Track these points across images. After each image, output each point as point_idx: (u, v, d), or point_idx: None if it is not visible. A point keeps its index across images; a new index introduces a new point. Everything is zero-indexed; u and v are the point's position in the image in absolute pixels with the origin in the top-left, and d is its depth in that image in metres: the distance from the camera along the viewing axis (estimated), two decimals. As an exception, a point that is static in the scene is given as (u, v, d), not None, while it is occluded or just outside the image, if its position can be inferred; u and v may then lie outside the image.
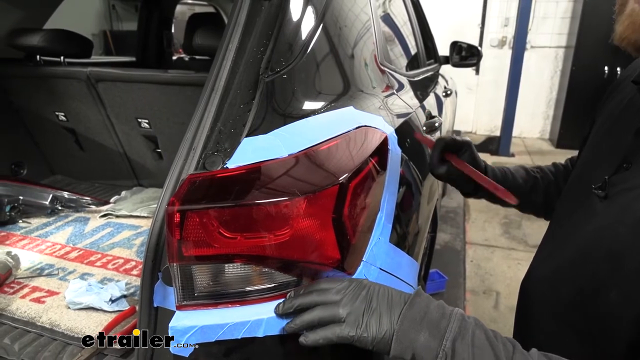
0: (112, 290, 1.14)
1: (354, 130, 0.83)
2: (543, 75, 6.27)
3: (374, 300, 0.59)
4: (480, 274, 2.87)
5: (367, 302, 0.58)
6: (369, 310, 0.58)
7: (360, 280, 0.62)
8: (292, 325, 0.60)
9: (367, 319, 0.57)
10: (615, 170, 0.66)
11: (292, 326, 0.60)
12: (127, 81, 1.65)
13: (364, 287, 0.60)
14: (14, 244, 1.45)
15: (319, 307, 0.59)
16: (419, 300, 0.59)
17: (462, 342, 0.54)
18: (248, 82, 0.74)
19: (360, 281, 0.62)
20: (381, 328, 0.56)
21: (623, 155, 0.66)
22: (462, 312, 0.59)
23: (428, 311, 0.57)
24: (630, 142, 0.66)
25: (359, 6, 1.14)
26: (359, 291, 0.59)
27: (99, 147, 1.93)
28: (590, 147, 0.80)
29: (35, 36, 1.72)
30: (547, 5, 5.98)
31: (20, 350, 0.98)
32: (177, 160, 0.69)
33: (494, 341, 0.55)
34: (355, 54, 1.05)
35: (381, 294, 0.60)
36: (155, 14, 2.82)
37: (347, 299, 0.58)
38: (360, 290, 0.60)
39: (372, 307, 0.58)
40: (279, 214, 0.63)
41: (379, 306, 0.58)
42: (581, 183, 0.76)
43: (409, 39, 1.97)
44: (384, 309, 0.58)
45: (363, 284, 0.61)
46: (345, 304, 0.58)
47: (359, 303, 0.58)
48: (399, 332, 0.56)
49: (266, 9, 0.80)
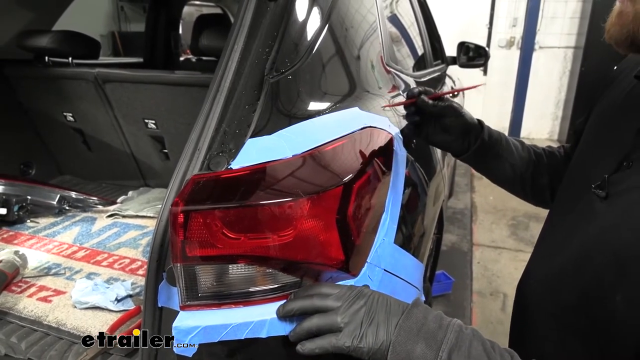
0: (118, 290, 1.14)
1: (359, 131, 0.83)
2: (552, 76, 6.21)
3: (372, 309, 0.58)
4: (487, 276, 2.85)
5: (365, 311, 0.58)
6: (367, 319, 0.57)
7: (360, 288, 0.62)
8: (292, 334, 0.60)
9: (364, 329, 0.57)
10: (615, 169, 0.64)
11: (292, 335, 0.60)
12: (134, 82, 1.66)
13: (363, 296, 0.60)
14: (21, 244, 1.47)
15: (318, 315, 0.59)
16: (416, 311, 0.59)
17: (458, 353, 0.54)
18: (253, 83, 0.74)
19: (361, 289, 0.61)
20: (378, 339, 0.56)
21: (624, 153, 0.64)
22: (460, 323, 0.58)
23: (425, 322, 0.57)
24: (632, 140, 0.64)
25: (365, 7, 1.14)
26: (358, 299, 0.59)
27: (107, 147, 1.94)
28: (587, 143, 0.78)
29: (44, 38, 1.74)
30: (556, 6, 5.93)
31: (26, 349, 0.99)
32: (182, 160, 0.69)
33: (491, 352, 0.55)
34: (361, 55, 1.04)
35: (380, 303, 0.59)
36: (163, 15, 2.84)
37: (345, 306, 0.58)
38: (360, 298, 0.59)
39: (370, 316, 0.58)
40: (282, 214, 0.63)
41: (377, 316, 0.58)
42: (579, 181, 0.74)
43: (415, 39, 1.97)
44: (381, 318, 0.57)
45: (363, 292, 0.61)
46: (343, 311, 0.58)
47: (357, 312, 0.58)
48: (396, 342, 0.55)
49: (271, 10, 0.80)
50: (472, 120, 0.92)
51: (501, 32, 6.26)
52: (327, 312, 0.58)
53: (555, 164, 0.96)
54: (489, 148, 0.93)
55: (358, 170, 0.72)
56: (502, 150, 0.94)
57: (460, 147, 0.93)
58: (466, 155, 0.94)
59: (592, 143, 0.77)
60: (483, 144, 0.92)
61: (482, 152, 0.93)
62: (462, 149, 0.94)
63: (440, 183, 1.46)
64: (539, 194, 0.97)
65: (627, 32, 0.61)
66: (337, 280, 0.67)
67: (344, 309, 0.58)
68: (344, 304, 0.59)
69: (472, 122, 0.92)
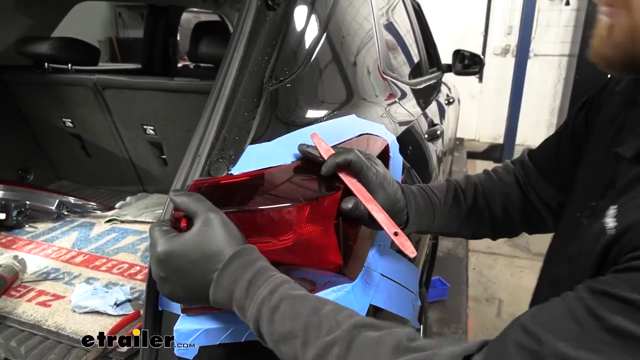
0: (117, 295, 1.15)
1: (356, 137, 0.85)
2: (546, 84, 6.27)
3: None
4: (483, 282, 2.87)
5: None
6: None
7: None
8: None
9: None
10: (601, 196, 0.57)
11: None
12: (133, 88, 1.67)
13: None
14: (20, 248, 1.47)
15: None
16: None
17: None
18: (252, 91, 0.76)
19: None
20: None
21: (609, 179, 0.57)
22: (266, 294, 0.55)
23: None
24: (614, 165, 0.57)
25: (361, 15, 1.16)
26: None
27: (105, 153, 1.95)
28: (582, 168, 0.70)
29: (43, 44, 1.75)
30: (551, 14, 6.00)
31: (26, 353, 0.99)
32: (183, 166, 0.70)
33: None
34: (358, 63, 1.06)
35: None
36: (161, 22, 2.86)
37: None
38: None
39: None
40: (282, 219, 0.64)
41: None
42: (570, 208, 0.69)
43: (411, 47, 1.99)
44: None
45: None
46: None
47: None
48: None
49: (271, 19, 0.82)
50: (397, 203, 0.75)
51: (496, 40, 6.32)
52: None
53: (498, 187, 0.85)
54: (427, 219, 0.81)
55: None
56: (442, 210, 0.82)
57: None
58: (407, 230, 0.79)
59: (584, 169, 0.69)
60: (415, 223, 0.79)
61: (423, 226, 0.81)
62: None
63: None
64: (520, 223, 0.85)
65: (624, 50, 0.51)
66: (335, 284, 0.68)
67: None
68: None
69: (396, 206, 0.75)
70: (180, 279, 0.58)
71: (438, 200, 0.82)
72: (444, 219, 0.82)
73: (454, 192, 0.83)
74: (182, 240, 0.58)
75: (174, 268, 0.58)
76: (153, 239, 0.60)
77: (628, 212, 0.47)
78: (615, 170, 0.56)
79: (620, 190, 0.52)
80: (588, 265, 0.50)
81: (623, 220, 0.47)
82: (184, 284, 0.59)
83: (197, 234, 0.58)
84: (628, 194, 0.49)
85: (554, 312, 0.44)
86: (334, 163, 0.68)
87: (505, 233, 0.88)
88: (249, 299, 0.55)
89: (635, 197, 0.48)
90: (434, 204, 0.81)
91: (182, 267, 0.58)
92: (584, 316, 0.41)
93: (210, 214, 0.59)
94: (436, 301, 2.53)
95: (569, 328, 0.41)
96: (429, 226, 0.81)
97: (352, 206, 0.68)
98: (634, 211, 0.46)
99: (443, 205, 0.82)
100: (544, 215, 0.82)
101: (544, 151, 0.83)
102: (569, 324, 0.42)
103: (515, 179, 0.85)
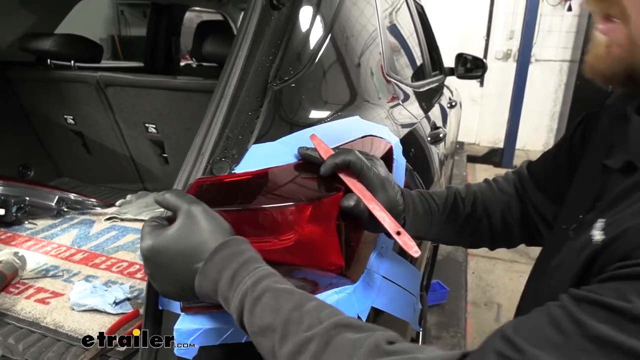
0: (116, 293, 1.14)
1: (359, 139, 0.84)
2: (547, 89, 6.28)
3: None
4: (482, 286, 2.86)
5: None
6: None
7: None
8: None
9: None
10: (589, 208, 0.57)
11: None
12: (136, 86, 1.67)
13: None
14: (19, 245, 1.47)
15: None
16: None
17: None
18: (256, 90, 0.76)
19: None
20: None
21: (597, 191, 0.57)
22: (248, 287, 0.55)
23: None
24: (601, 178, 0.57)
25: (366, 17, 1.16)
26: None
27: (106, 150, 1.95)
28: (574, 181, 0.70)
29: (46, 40, 1.75)
30: (553, 19, 6.01)
31: (24, 350, 0.99)
32: (185, 165, 0.70)
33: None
34: (362, 64, 1.06)
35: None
36: (164, 21, 2.86)
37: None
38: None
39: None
40: (284, 219, 0.64)
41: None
42: (558, 224, 0.67)
43: (414, 49, 1.99)
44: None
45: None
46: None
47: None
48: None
49: (276, 19, 0.82)
50: (397, 206, 0.75)
51: (498, 45, 6.32)
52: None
53: (498, 197, 0.85)
54: (425, 223, 0.81)
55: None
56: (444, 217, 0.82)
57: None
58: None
59: (576, 183, 0.69)
60: (412, 228, 0.78)
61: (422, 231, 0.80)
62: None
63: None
64: (518, 234, 0.85)
65: (624, 64, 0.51)
66: (337, 286, 0.68)
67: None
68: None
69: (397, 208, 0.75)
70: (167, 274, 0.59)
71: (437, 206, 0.82)
72: (441, 226, 0.82)
73: (453, 199, 0.83)
74: (164, 235, 0.58)
75: (159, 263, 0.58)
76: (141, 235, 0.61)
77: (615, 223, 0.46)
78: (604, 183, 0.56)
79: (609, 203, 0.51)
80: (569, 276, 0.50)
81: (610, 232, 0.46)
82: (172, 279, 0.59)
83: (179, 228, 0.58)
84: (616, 206, 0.49)
85: (536, 321, 0.43)
86: (333, 163, 0.69)
87: (504, 243, 0.88)
88: (233, 290, 0.55)
89: (623, 209, 0.47)
90: (432, 211, 0.81)
91: (167, 261, 0.58)
92: (566, 324, 0.40)
93: (192, 207, 0.59)
94: (435, 305, 2.53)
95: (550, 337, 0.40)
96: (426, 232, 0.81)
97: (354, 204, 0.68)
98: (621, 222, 0.45)
99: (441, 213, 0.82)
100: (540, 227, 0.81)
101: (542, 163, 0.83)
102: (551, 333, 0.41)
103: (514, 190, 0.85)
